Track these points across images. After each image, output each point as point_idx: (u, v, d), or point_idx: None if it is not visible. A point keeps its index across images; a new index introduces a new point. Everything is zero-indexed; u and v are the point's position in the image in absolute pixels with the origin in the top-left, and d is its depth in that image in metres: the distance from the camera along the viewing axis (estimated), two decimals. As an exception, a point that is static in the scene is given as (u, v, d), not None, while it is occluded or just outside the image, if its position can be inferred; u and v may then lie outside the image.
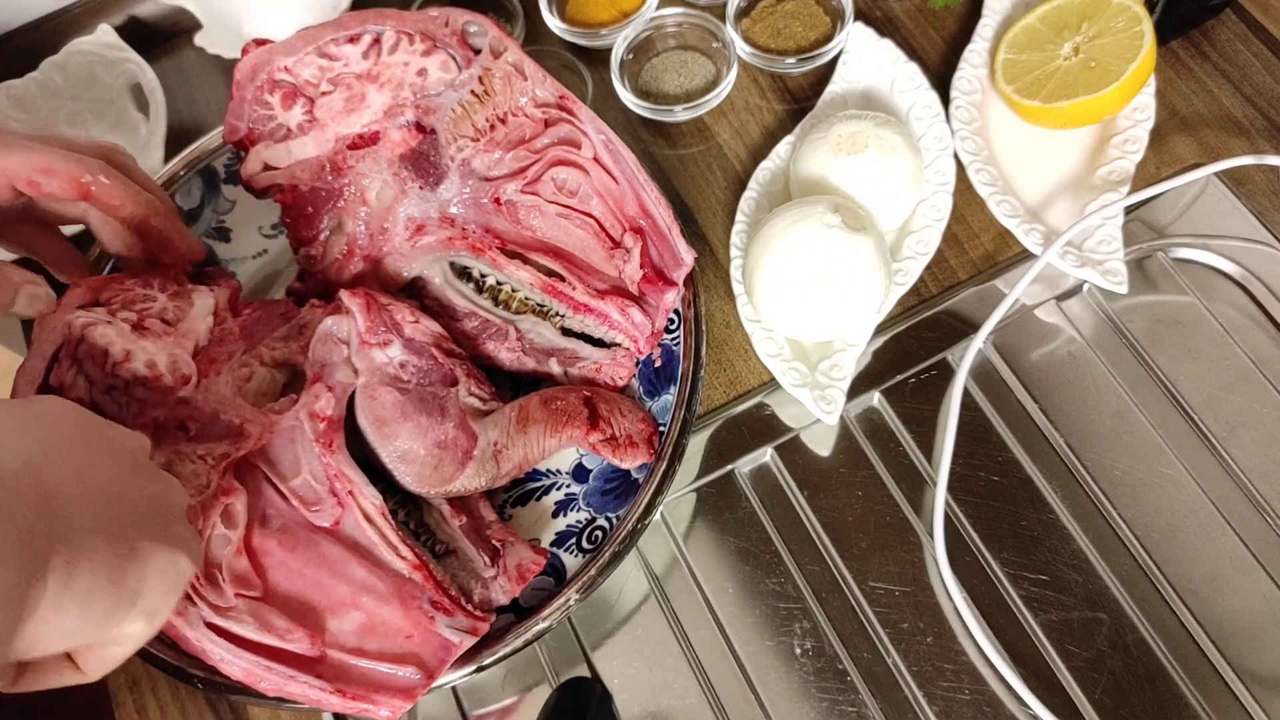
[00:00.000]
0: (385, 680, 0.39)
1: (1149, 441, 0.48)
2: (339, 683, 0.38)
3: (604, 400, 0.45)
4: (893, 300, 0.51)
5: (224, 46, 0.63)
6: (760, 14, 0.60)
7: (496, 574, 0.42)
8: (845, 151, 0.50)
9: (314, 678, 0.38)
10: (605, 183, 0.48)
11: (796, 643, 0.46)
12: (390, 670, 0.39)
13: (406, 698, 0.39)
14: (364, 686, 0.39)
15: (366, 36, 0.48)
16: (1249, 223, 0.52)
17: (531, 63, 0.48)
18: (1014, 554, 0.47)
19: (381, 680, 0.39)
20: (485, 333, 0.48)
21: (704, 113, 0.59)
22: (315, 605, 0.39)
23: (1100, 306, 0.52)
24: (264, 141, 0.49)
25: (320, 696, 0.38)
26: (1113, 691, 0.44)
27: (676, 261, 0.46)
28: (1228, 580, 0.45)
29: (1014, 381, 0.51)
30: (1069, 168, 0.55)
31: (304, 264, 0.50)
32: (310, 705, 0.38)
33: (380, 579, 0.40)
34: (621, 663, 0.47)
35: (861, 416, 0.51)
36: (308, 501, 0.41)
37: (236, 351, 0.45)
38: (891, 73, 0.57)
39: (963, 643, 0.45)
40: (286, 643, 0.38)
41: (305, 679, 0.38)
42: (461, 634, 0.40)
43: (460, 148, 0.48)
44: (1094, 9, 0.53)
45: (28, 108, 0.63)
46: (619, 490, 0.45)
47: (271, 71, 0.48)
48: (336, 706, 0.38)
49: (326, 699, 0.38)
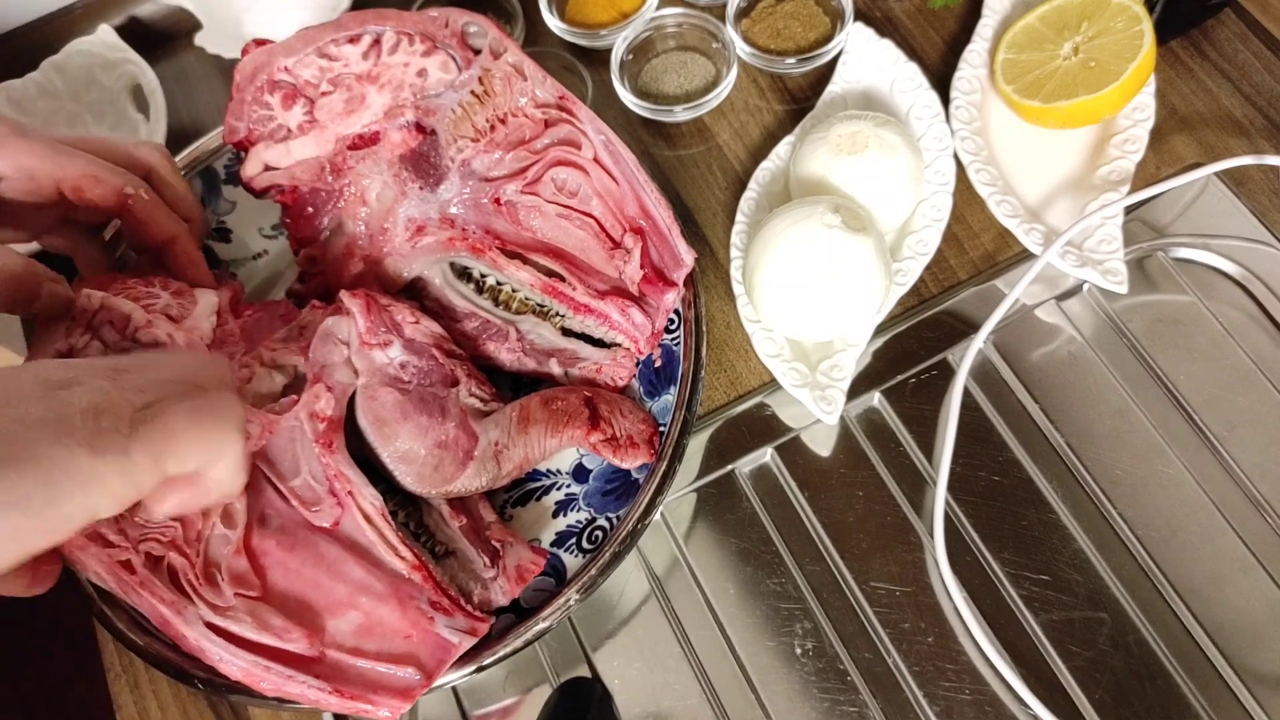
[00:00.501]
0: (384, 680, 0.39)
1: (1149, 441, 0.48)
2: (337, 683, 0.38)
3: (604, 400, 0.45)
4: (893, 300, 0.51)
5: (224, 47, 0.63)
6: (760, 14, 0.60)
7: (496, 575, 0.42)
8: (845, 152, 0.50)
9: (312, 677, 0.38)
10: (605, 183, 0.48)
11: (797, 643, 0.46)
12: (389, 670, 0.39)
13: (405, 698, 0.39)
14: (362, 686, 0.39)
15: (366, 37, 0.48)
16: (1249, 222, 0.52)
17: (531, 63, 0.48)
18: (1015, 554, 0.47)
19: (380, 680, 0.39)
20: (485, 333, 0.48)
21: (704, 113, 0.59)
22: (314, 605, 0.39)
23: (1100, 306, 0.52)
24: (264, 142, 0.49)
25: (318, 696, 0.38)
26: (1113, 691, 0.44)
27: (676, 262, 0.46)
28: (1228, 580, 0.45)
29: (1014, 381, 0.51)
30: (1069, 168, 0.55)
31: (304, 265, 0.50)
32: (309, 705, 0.38)
33: (379, 579, 0.40)
34: (622, 663, 0.47)
35: (862, 417, 0.51)
36: (307, 502, 0.41)
37: (237, 353, 0.45)
38: (891, 73, 0.57)
39: (963, 643, 0.45)
40: (285, 642, 0.38)
41: (304, 679, 0.38)
42: (460, 634, 0.40)
43: (460, 148, 0.48)
44: (1094, 9, 0.53)
45: (26, 109, 0.63)
46: (619, 490, 0.45)
47: (271, 72, 0.49)
48: (335, 706, 0.38)
49: (325, 699, 0.38)
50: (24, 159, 0.40)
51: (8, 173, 0.40)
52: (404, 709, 0.39)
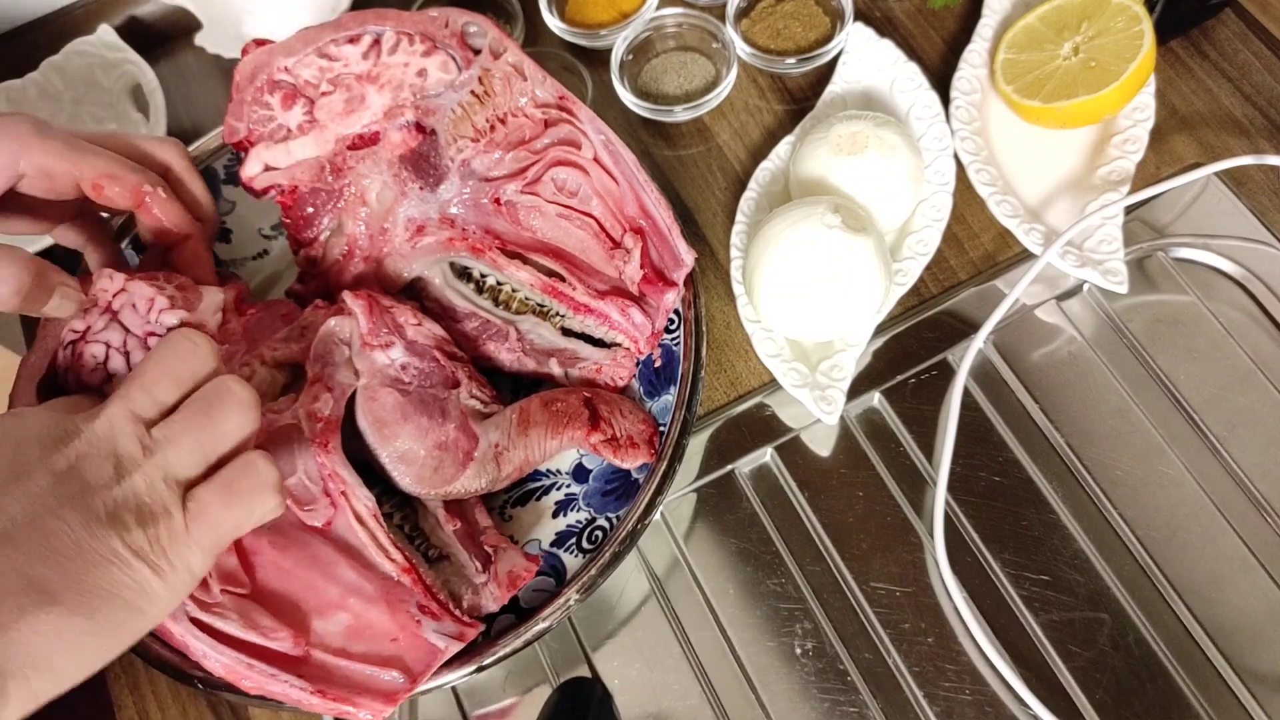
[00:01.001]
0: (368, 683, 0.39)
1: (1149, 441, 0.48)
2: (321, 683, 0.38)
3: (604, 401, 0.45)
4: (893, 300, 0.51)
5: (224, 47, 0.63)
6: (760, 14, 0.60)
7: (487, 580, 0.42)
8: (845, 152, 0.50)
9: (295, 677, 0.38)
10: (605, 183, 0.48)
11: (797, 643, 0.46)
12: (374, 673, 0.39)
13: (388, 701, 0.39)
14: (346, 688, 0.38)
15: (366, 37, 0.48)
16: (1249, 222, 0.52)
17: (531, 63, 0.48)
18: (1015, 554, 0.47)
19: (364, 682, 0.39)
20: (486, 333, 0.48)
21: (704, 113, 0.59)
22: (303, 605, 0.39)
23: (1100, 306, 0.52)
24: (264, 142, 0.49)
25: (300, 696, 0.38)
26: (1114, 691, 0.44)
27: (676, 262, 0.46)
28: (1229, 580, 0.45)
29: (1014, 381, 0.51)
30: (1069, 168, 0.55)
31: (304, 265, 0.50)
32: (291, 705, 0.38)
33: (369, 581, 0.40)
34: (622, 663, 0.47)
35: (862, 417, 0.51)
36: (301, 501, 0.41)
37: (239, 352, 0.45)
38: (891, 73, 0.57)
39: (964, 643, 0.45)
40: (270, 641, 0.38)
41: (287, 678, 0.38)
42: (448, 639, 0.40)
43: (460, 148, 0.48)
44: (1094, 9, 0.53)
45: (26, 109, 0.63)
46: (619, 490, 0.45)
47: (271, 72, 0.48)
48: (316, 707, 0.38)
49: (306, 699, 0.38)
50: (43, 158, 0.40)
51: (27, 171, 0.40)
52: (386, 712, 0.39)
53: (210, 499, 0.32)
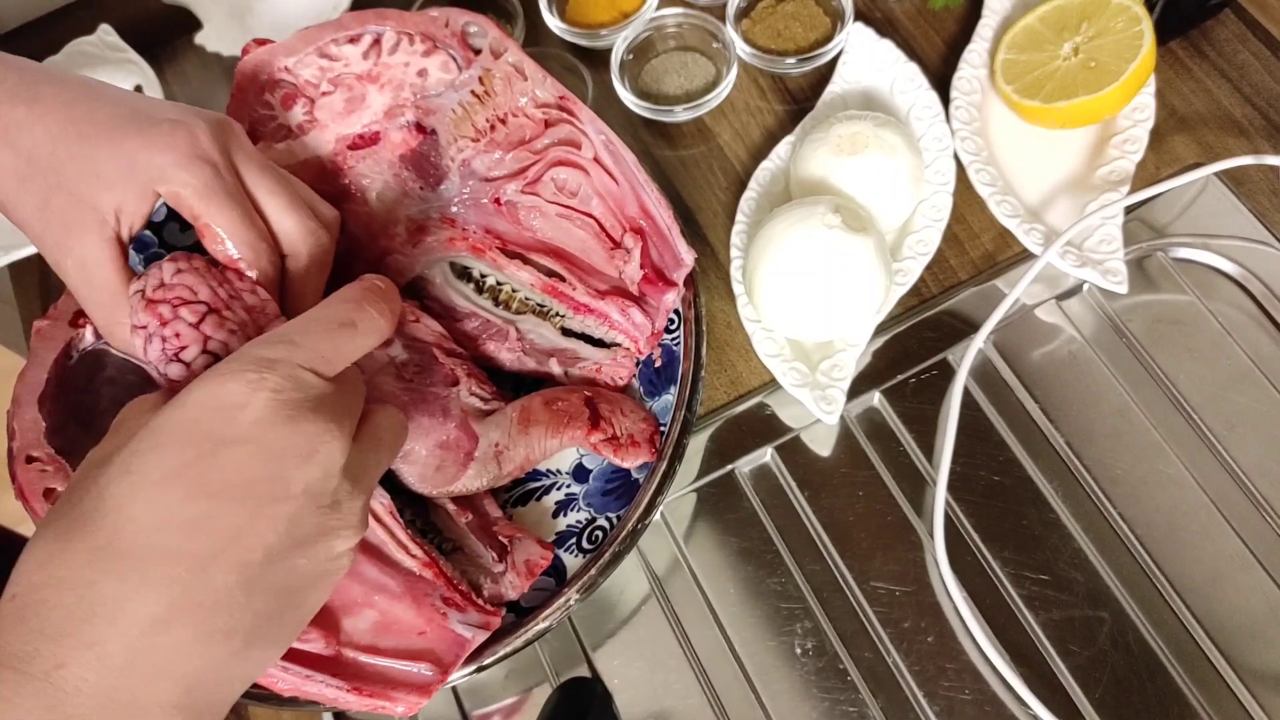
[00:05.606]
0: (401, 677, 0.39)
1: (1149, 441, 0.48)
2: (355, 681, 0.38)
3: (605, 400, 0.45)
4: (893, 300, 0.52)
5: (224, 46, 0.63)
6: (760, 15, 0.60)
7: (505, 569, 0.42)
8: (845, 152, 0.50)
9: (330, 676, 0.38)
10: (605, 183, 0.48)
11: (797, 643, 0.46)
12: (405, 667, 0.39)
13: (422, 694, 0.39)
14: (380, 684, 0.39)
15: (367, 37, 0.48)
16: (1249, 222, 0.53)
17: (532, 63, 0.48)
18: (1015, 553, 0.47)
19: (397, 677, 0.39)
20: (486, 333, 0.48)
21: (704, 113, 0.59)
22: (330, 605, 0.39)
23: (1100, 306, 0.52)
24: (264, 142, 0.49)
25: (337, 695, 0.38)
26: (1113, 690, 0.44)
27: (677, 262, 0.46)
28: (1228, 579, 0.45)
29: (1014, 381, 0.51)
30: (1069, 168, 0.55)
31: (304, 264, 0.50)
32: (328, 704, 0.38)
33: (392, 577, 0.40)
34: (622, 663, 0.47)
35: (862, 416, 0.51)
36: None
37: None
38: (891, 73, 0.57)
39: (963, 642, 0.46)
40: (302, 643, 0.38)
41: (322, 678, 0.38)
42: (474, 629, 0.40)
43: (461, 148, 0.48)
44: (1094, 9, 0.53)
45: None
46: (619, 490, 0.45)
47: (272, 72, 0.49)
48: (354, 705, 0.38)
49: (343, 697, 0.38)
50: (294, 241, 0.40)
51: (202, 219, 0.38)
52: (422, 704, 0.39)
53: (367, 474, 0.33)
